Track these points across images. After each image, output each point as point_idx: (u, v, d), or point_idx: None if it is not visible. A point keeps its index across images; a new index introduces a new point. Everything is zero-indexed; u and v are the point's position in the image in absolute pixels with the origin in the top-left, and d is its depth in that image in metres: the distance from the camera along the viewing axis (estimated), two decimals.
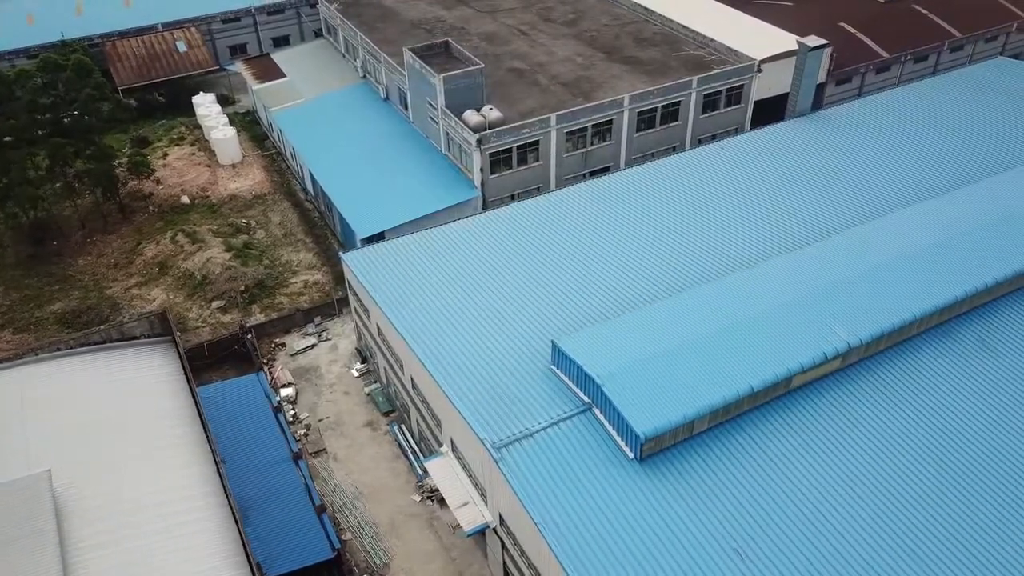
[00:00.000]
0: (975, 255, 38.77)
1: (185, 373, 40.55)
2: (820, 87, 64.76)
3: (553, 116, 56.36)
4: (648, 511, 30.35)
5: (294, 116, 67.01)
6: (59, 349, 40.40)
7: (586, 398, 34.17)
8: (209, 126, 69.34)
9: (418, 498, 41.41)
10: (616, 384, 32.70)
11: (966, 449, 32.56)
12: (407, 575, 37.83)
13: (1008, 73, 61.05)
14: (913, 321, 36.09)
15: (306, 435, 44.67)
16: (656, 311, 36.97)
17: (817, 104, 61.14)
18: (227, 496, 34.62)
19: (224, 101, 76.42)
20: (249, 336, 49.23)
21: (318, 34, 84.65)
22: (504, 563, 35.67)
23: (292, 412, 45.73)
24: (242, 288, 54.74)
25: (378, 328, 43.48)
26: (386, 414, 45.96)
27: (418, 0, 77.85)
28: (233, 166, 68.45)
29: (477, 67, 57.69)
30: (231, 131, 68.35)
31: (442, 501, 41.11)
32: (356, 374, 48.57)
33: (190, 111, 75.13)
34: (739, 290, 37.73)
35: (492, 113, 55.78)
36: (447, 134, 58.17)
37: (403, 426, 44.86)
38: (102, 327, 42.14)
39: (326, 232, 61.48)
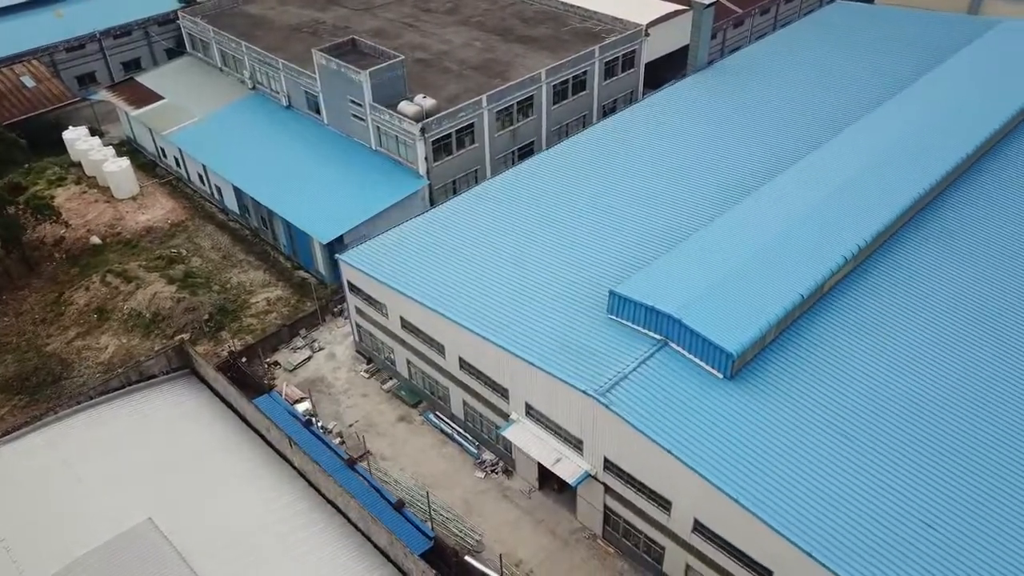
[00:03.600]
0: (919, 156, 45.26)
1: (223, 400, 38.51)
2: None
3: (484, 97, 57.79)
4: (755, 417, 33.31)
5: (194, 136, 63.50)
6: (79, 403, 36.91)
7: (657, 336, 36.52)
8: (97, 160, 64.07)
9: (482, 475, 41.90)
10: (693, 315, 35.34)
11: (960, 304, 38.65)
12: (503, 546, 38.42)
13: (850, 14, 70.10)
14: (895, 219, 41.72)
15: (342, 443, 43.56)
16: (691, 247, 39.99)
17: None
18: (332, 503, 33.74)
19: (91, 134, 70.46)
20: (243, 360, 46.96)
21: (171, 53, 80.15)
22: (605, 508, 37.29)
23: (319, 424, 44.32)
24: (205, 317, 51.76)
25: (402, 320, 43.24)
26: (413, 406, 45.76)
27: (286, 5, 75.95)
28: (134, 198, 63.80)
29: (398, 59, 57.90)
30: (125, 162, 63.65)
31: (507, 472, 41.99)
32: (366, 376, 47.79)
33: (56, 149, 68.86)
34: (750, 217, 41.66)
35: (427, 101, 56.24)
36: (379, 129, 57.88)
37: (437, 413, 44.95)
38: (120, 370, 38.79)
39: (266, 248, 59.14)
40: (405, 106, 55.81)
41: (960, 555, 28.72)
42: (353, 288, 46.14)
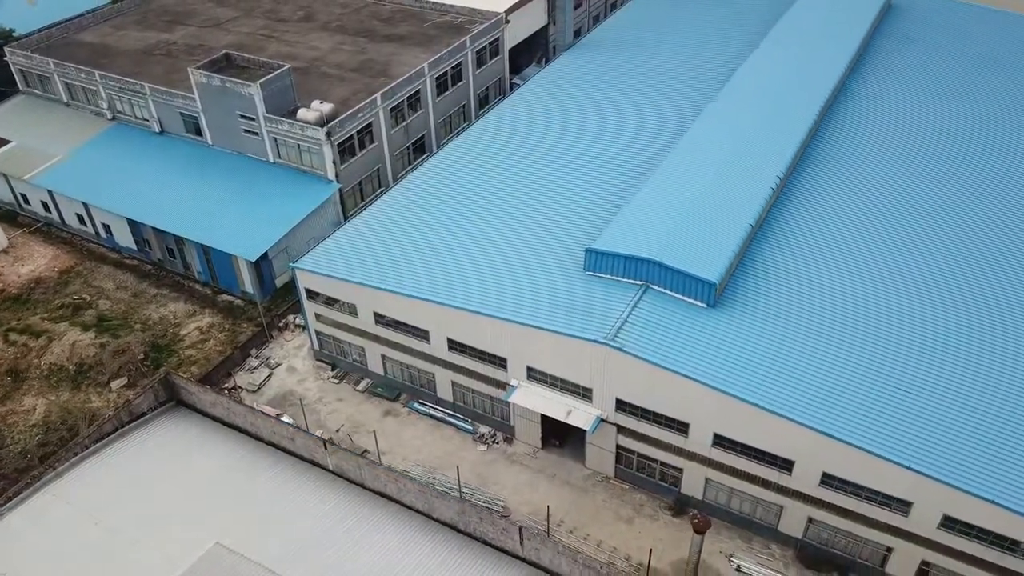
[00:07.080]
0: (799, 95, 51.85)
1: (223, 423, 37.39)
2: (545, 28, 75.30)
3: (379, 95, 58.46)
4: (744, 334, 37.46)
5: (64, 177, 59.28)
6: (76, 454, 34.49)
7: (637, 281, 39.77)
8: None
9: (484, 447, 43.29)
10: (670, 256, 38.90)
11: (865, 213, 45.09)
12: (529, 506, 40.18)
13: None
14: (800, 145, 47.78)
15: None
16: (640, 200, 43.79)
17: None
18: (381, 494, 34.12)
19: None
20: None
21: None
22: (617, 448, 40.03)
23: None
24: (140, 356, 49.01)
25: (376, 316, 43.54)
26: (394, 400, 46.16)
27: (124, 30, 71.93)
28: (5, 252, 58.50)
29: (285, 68, 57.31)
30: None
31: (508, 439, 43.68)
32: (335, 381, 47.46)
33: None
34: (680, 166, 46.13)
35: (324, 106, 56.15)
36: (276, 140, 56.94)
37: (422, 401, 45.67)
38: (111, 414, 36.33)
39: (176, 278, 56.43)
40: (305, 113, 55.40)
41: (929, 408, 34.44)
42: (311, 294, 45.70)
